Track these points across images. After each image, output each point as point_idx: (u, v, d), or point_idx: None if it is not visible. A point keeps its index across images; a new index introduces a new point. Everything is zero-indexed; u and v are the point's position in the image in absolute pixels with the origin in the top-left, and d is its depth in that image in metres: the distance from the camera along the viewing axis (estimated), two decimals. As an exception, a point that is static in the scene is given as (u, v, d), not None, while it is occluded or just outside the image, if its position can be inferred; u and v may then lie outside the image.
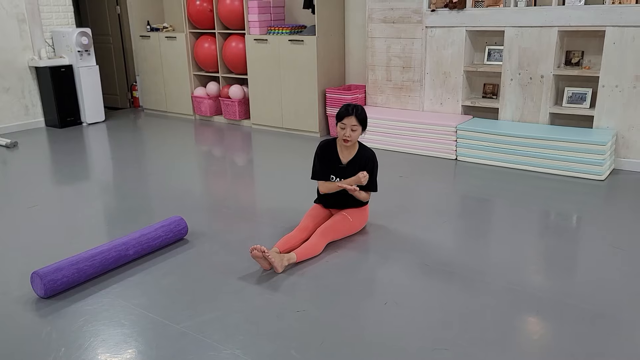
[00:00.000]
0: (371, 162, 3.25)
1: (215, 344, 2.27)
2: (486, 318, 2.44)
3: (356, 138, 3.18)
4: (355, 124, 3.11)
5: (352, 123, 3.11)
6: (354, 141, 3.19)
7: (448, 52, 5.20)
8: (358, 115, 3.11)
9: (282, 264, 2.87)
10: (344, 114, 3.12)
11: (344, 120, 3.12)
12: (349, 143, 3.17)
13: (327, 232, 3.14)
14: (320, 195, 3.36)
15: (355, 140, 3.19)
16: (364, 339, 2.31)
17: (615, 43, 4.37)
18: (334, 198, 3.29)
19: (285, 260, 2.89)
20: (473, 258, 3.03)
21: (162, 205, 3.97)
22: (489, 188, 4.21)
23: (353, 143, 3.21)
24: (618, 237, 3.27)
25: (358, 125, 3.12)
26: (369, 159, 3.24)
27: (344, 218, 3.23)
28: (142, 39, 7.29)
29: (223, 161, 5.33)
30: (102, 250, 2.87)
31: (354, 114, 3.10)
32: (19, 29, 6.37)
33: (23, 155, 5.46)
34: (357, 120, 3.11)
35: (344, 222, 3.23)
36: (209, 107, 6.88)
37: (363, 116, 3.14)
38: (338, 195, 3.26)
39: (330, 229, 3.16)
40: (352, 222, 3.25)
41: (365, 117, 3.16)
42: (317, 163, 3.29)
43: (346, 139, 3.13)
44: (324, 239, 3.11)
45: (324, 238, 3.11)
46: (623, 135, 4.52)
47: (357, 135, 3.16)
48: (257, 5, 6.02)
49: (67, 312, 2.55)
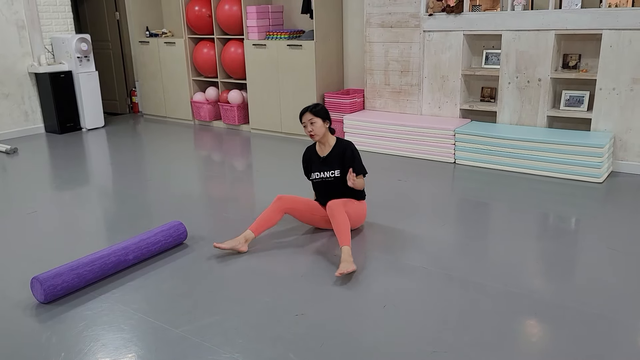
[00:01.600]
0: (349, 149, 3.35)
1: (214, 348, 2.28)
2: (485, 321, 2.45)
3: (320, 131, 3.31)
4: (311, 117, 3.28)
5: (308, 118, 3.29)
6: (320, 134, 3.32)
7: (446, 56, 5.22)
8: (312, 110, 3.30)
9: (241, 247, 3.15)
10: (300, 114, 3.34)
11: (302, 120, 3.32)
12: (315, 137, 3.32)
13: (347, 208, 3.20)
14: (317, 196, 3.47)
15: (320, 133, 3.31)
16: (363, 342, 2.31)
17: (612, 46, 4.39)
18: (330, 196, 3.33)
19: (241, 243, 3.16)
20: (472, 261, 3.03)
21: (162, 210, 3.98)
22: (488, 191, 4.22)
23: (321, 137, 3.34)
24: (616, 239, 3.28)
25: (314, 117, 3.28)
26: (346, 147, 3.36)
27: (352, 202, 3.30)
28: (141, 45, 7.32)
29: (222, 166, 5.34)
30: (101, 255, 2.88)
31: (307, 111, 3.30)
32: (18, 35, 6.40)
33: (23, 161, 5.47)
34: (311, 114, 3.28)
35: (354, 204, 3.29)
36: (208, 112, 6.90)
37: (317, 108, 3.31)
38: (333, 193, 3.33)
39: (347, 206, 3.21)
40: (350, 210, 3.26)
41: (321, 109, 3.32)
42: (304, 166, 3.53)
43: (311, 134, 3.30)
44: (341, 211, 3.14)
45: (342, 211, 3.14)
46: (621, 137, 4.53)
47: (320, 127, 3.30)
48: (255, 10, 6.04)
49: (66, 317, 2.56)
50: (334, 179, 3.32)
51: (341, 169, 3.31)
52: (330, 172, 3.33)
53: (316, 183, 3.42)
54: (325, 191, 3.37)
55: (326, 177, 3.34)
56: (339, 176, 3.31)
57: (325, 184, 3.36)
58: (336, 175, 3.32)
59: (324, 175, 3.35)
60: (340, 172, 3.31)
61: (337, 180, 3.32)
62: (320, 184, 3.40)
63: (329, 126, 3.37)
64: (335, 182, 3.32)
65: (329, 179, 3.34)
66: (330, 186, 3.34)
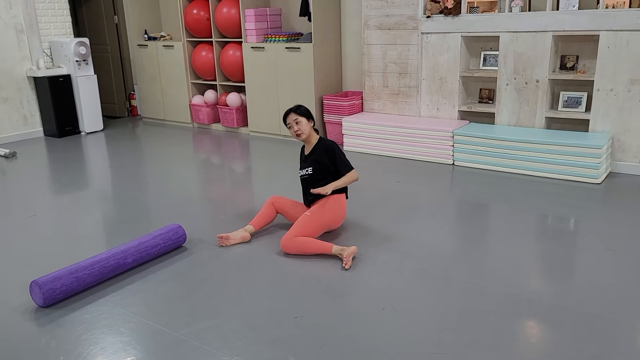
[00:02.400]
0: (328, 150, 3.39)
1: (214, 351, 2.28)
2: (484, 322, 2.45)
3: (305, 130, 3.39)
4: (295, 117, 3.38)
5: (293, 118, 3.39)
6: (306, 133, 3.40)
7: (444, 58, 5.23)
8: (296, 110, 3.40)
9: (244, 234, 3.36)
10: (284, 116, 3.45)
11: (287, 120, 3.43)
12: (301, 137, 3.40)
13: (295, 232, 3.23)
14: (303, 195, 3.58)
15: (305, 132, 3.39)
16: (363, 344, 2.31)
17: (609, 47, 4.40)
18: (306, 194, 3.45)
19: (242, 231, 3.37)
20: (471, 262, 3.04)
21: (161, 213, 3.98)
22: (486, 192, 4.23)
23: (307, 136, 3.41)
24: (615, 240, 3.28)
25: (299, 117, 3.38)
26: (326, 147, 3.41)
27: (304, 217, 3.31)
28: (139, 48, 7.32)
29: (221, 168, 5.35)
30: (100, 258, 2.88)
31: (292, 111, 3.41)
32: (17, 39, 6.41)
33: (22, 165, 5.47)
34: (295, 114, 3.39)
35: (305, 220, 3.28)
36: (207, 115, 6.90)
37: (301, 109, 3.42)
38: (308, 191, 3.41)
39: (297, 229, 3.24)
40: (310, 216, 3.29)
41: (304, 110, 3.43)
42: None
43: (297, 133, 3.38)
44: (293, 241, 3.19)
45: (293, 240, 3.19)
46: (619, 138, 4.54)
47: (305, 126, 3.38)
48: (253, 13, 6.05)
49: (66, 320, 2.56)
50: (308, 177, 3.40)
51: (316, 167, 3.37)
52: (306, 169, 3.42)
53: (301, 181, 3.52)
54: (304, 189, 3.48)
55: (303, 174, 3.44)
56: (311, 174, 3.39)
57: (304, 181, 3.46)
58: (309, 173, 3.39)
59: (302, 173, 3.46)
60: (313, 170, 3.37)
61: (312, 178, 3.39)
62: (302, 182, 3.49)
63: (313, 126, 3.46)
64: (310, 179, 3.40)
65: (305, 176, 3.43)
66: (307, 184, 3.42)
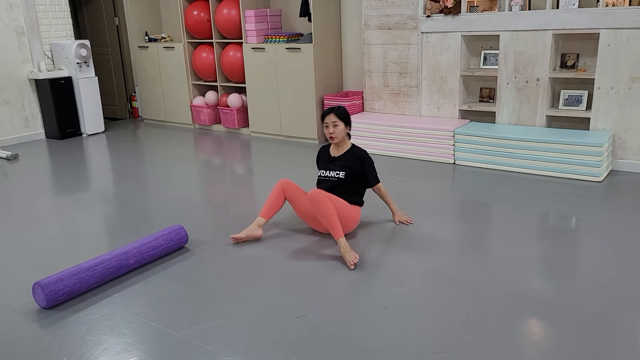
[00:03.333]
0: (362, 159, 3.42)
1: (216, 352, 2.29)
2: (486, 321, 2.45)
3: (340, 134, 3.39)
4: (335, 120, 3.37)
5: (332, 120, 3.37)
6: (339, 138, 3.40)
7: (444, 57, 5.23)
8: (337, 112, 3.38)
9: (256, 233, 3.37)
10: (324, 114, 3.43)
11: (325, 120, 3.42)
12: (334, 140, 3.40)
13: (330, 196, 3.20)
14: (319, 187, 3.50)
15: (339, 136, 3.40)
16: (365, 343, 2.32)
17: (609, 45, 4.40)
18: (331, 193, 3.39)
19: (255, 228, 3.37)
20: (472, 261, 3.04)
21: (162, 214, 3.99)
22: (487, 191, 4.23)
23: (340, 140, 3.42)
24: (616, 238, 3.28)
25: (338, 120, 3.37)
26: (360, 156, 3.43)
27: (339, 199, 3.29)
28: (140, 50, 7.34)
29: (222, 169, 5.35)
30: (103, 260, 2.89)
31: (332, 112, 3.38)
32: (18, 41, 6.42)
33: (24, 167, 5.48)
34: (336, 117, 3.37)
35: (340, 202, 3.27)
36: (208, 116, 6.91)
37: (342, 112, 3.40)
38: (334, 192, 3.36)
39: (333, 198, 3.21)
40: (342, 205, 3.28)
41: (345, 114, 3.42)
42: (317, 164, 3.63)
43: (331, 135, 3.38)
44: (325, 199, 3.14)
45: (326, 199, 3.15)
46: (620, 136, 4.54)
47: (341, 131, 3.39)
48: (254, 14, 6.06)
49: (68, 322, 2.56)
50: (337, 180, 3.39)
51: (348, 173, 3.38)
52: (335, 172, 3.40)
53: (320, 180, 3.50)
54: (326, 189, 3.40)
55: (331, 176, 3.42)
56: (342, 178, 3.38)
57: (328, 182, 3.42)
58: (340, 177, 3.38)
59: (328, 174, 3.43)
60: (345, 175, 3.38)
61: (340, 182, 3.38)
62: (323, 182, 3.47)
63: (349, 131, 3.45)
64: (338, 183, 3.39)
65: (333, 179, 3.40)
66: (332, 186, 3.39)
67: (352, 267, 2.97)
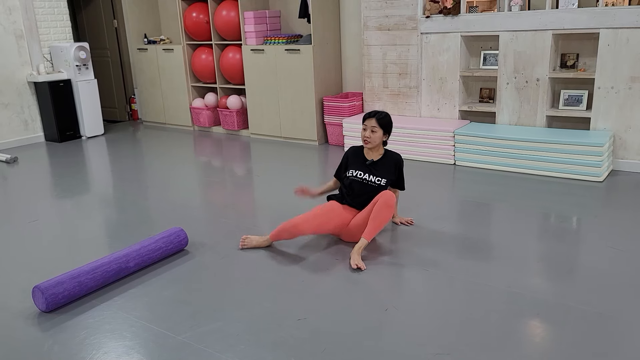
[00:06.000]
0: (398, 164, 3.40)
1: (217, 354, 2.28)
2: (487, 322, 2.44)
3: (377, 140, 3.30)
4: (374, 125, 3.27)
5: (372, 124, 3.27)
6: (374, 144, 3.30)
7: (444, 58, 5.23)
8: (378, 118, 3.28)
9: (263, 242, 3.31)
10: (366, 116, 3.32)
11: (365, 122, 3.31)
12: (368, 145, 3.30)
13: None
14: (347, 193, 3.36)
15: (375, 142, 3.30)
16: (365, 345, 2.31)
17: (609, 45, 4.40)
18: (362, 198, 3.31)
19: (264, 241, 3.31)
20: (473, 262, 3.03)
21: (162, 216, 3.98)
22: (488, 192, 4.22)
23: (374, 146, 3.32)
24: (617, 238, 3.27)
25: (378, 127, 3.27)
26: (396, 161, 3.40)
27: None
28: (139, 52, 7.33)
29: (222, 171, 5.34)
30: (102, 263, 2.88)
31: (374, 117, 3.28)
32: (17, 44, 6.42)
33: (23, 170, 5.48)
34: (376, 122, 3.27)
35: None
36: (208, 118, 6.91)
37: (384, 120, 3.30)
38: (367, 197, 3.29)
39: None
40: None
41: (387, 122, 3.31)
42: (343, 161, 3.47)
43: (366, 139, 3.29)
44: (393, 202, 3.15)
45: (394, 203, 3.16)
46: (620, 136, 4.53)
47: (378, 137, 3.29)
48: (253, 16, 6.06)
49: (68, 325, 2.55)
50: (377, 186, 3.29)
51: (387, 180, 3.32)
52: (377, 178, 3.29)
53: (352, 181, 3.33)
54: (360, 192, 3.31)
55: (370, 180, 3.29)
56: (383, 185, 3.29)
57: (364, 186, 3.30)
58: (381, 184, 3.29)
59: (366, 178, 3.30)
60: (385, 183, 3.30)
61: (380, 188, 3.29)
62: (356, 183, 3.32)
63: (386, 139, 3.37)
64: (378, 189, 3.29)
65: (373, 184, 3.29)
66: (368, 190, 3.29)
67: (354, 267, 2.97)
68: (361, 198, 3.31)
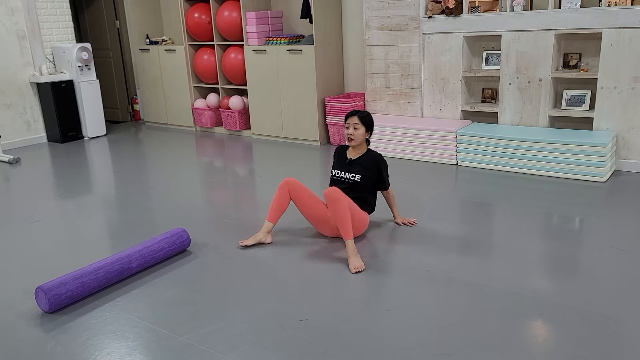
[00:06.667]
0: (379, 163, 3.42)
1: (219, 355, 2.28)
2: (489, 322, 2.44)
3: (360, 137, 3.39)
4: (357, 122, 3.36)
5: (355, 122, 3.36)
6: (358, 141, 3.39)
7: (446, 58, 5.22)
8: (361, 116, 3.37)
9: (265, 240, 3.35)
10: (348, 115, 3.41)
11: (348, 120, 3.40)
12: (352, 142, 3.39)
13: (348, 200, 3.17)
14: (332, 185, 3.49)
15: (359, 140, 3.39)
16: (368, 346, 2.30)
17: (612, 45, 4.39)
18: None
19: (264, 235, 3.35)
20: (475, 262, 3.03)
21: (165, 217, 3.98)
22: (490, 192, 4.22)
23: (358, 143, 3.41)
24: (620, 238, 3.27)
25: (360, 124, 3.36)
26: (377, 160, 3.42)
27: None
28: (141, 53, 7.34)
29: (224, 172, 5.35)
30: (105, 263, 2.88)
31: (356, 115, 3.38)
32: (19, 45, 6.43)
33: (25, 171, 5.48)
34: (359, 120, 3.36)
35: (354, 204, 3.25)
36: (210, 119, 6.91)
37: (367, 118, 3.40)
38: (348, 194, 3.33)
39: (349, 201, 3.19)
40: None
41: (369, 120, 3.42)
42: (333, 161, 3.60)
43: (350, 137, 3.38)
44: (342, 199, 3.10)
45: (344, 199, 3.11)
46: (623, 136, 4.52)
47: (361, 134, 3.38)
48: (255, 16, 6.06)
49: (71, 326, 2.56)
50: (352, 182, 3.38)
51: (363, 176, 3.37)
52: (351, 174, 3.39)
53: (334, 180, 3.49)
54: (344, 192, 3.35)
55: (346, 178, 3.41)
56: (357, 182, 3.37)
57: (343, 183, 3.41)
58: (355, 180, 3.37)
59: (343, 176, 3.42)
60: (360, 179, 3.37)
61: (355, 185, 3.38)
62: (336, 182, 3.46)
63: (369, 137, 3.46)
64: (352, 185, 3.38)
65: (348, 180, 3.39)
66: (346, 187, 3.38)
67: (354, 272, 2.96)
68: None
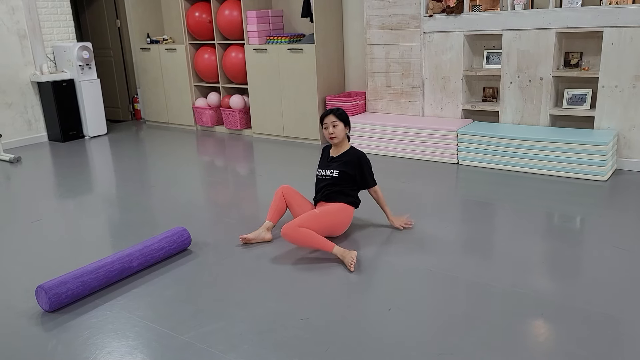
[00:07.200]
0: (359, 160, 3.44)
1: (220, 354, 2.27)
2: (491, 322, 2.43)
3: (341, 134, 3.44)
4: (334, 120, 3.41)
5: (332, 120, 3.41)
6: (339, 138, 3.45)
7: (447, 57, 5.22)
8: (336, 113, 3.43)
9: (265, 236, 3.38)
10: (323, 115, 3.47)
11: (325, 120, 3.45)
12: (334, 140, 3.45)
13: (300, 224, 3.15)
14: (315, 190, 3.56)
15: (340, 136, 3.44)
16: (369, 345, 2.30)
17: (613, 43, 4.38)
18: (322, 192, 3.43)
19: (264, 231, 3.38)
20: (476, 262, 3.02)
21: (165, 216, 3.98)
22: (491, 191, 4.21)
23: (340, 141, 3.46)
24: (622, 237, 3.26)
25: (337, 120, 3.41)
26: (357, 158, 3.45)
27: (312, 212, 3.27)
28: (142, 52, 7.34)
29: (225, 171, 5.34)
30: (106, 262, 2.88)
31: (332, 113, 3.43)
32: (20, 44, 6.43)
33: (26, 170, 5.48)
34: (335, 117, 3.41)
35: (312, 216, 3.23)
36: (210, 118, 6.91)
37: (342, 114, 3.45)
38: (326, 191, 3.40)
39: (302, 221, 3.16)
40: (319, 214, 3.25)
41: (345, 115, 3.46)
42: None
43: (331, 135, 3.43)
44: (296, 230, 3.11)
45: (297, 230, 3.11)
46: (624, 135, 4.51)
47: (341, 130, 3.43)
48: (255, 15, 6.05)
49: (72, 325, 2.56)
50: (331, 178, 3.42)
51: (342, 172, 3.40)
52: (330, 171, 3.43)
53: (317, 179, 3.53)
54: (321, 187, 3.48)
55: (326, 175, 3.46)
56: (336, 177, 3.41)
57: (323, 180, 3.47)
58: (333, 176, 3.41)
59: (324, 173, 3.47)
60: (339, 174, 3.40)
61: (333, 181, 3.41)
62: (319, 180, 3.51)
63: (348, 132, 3.50)
64: (331, 182, 3.42)
65: (328, 177, 3.44)
66: (326, 184, 3.43)
67: (352, 270, 2.95)
68: (319, 193, 3.46)
